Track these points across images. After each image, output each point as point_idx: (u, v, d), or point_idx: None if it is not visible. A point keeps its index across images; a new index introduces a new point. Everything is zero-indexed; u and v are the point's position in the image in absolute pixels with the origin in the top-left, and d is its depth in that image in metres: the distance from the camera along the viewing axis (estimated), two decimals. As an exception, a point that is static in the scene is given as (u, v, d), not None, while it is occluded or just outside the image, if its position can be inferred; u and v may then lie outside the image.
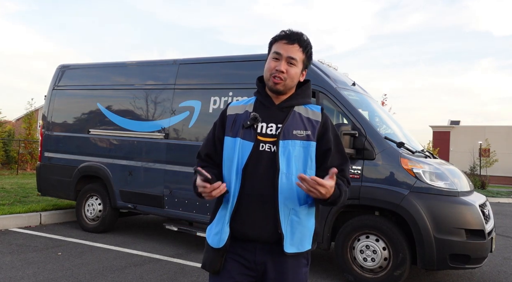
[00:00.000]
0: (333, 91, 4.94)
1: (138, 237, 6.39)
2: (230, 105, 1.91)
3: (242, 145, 1.76)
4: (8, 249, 5.31)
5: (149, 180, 6.04)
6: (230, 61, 5.88)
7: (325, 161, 1.79)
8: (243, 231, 1.73)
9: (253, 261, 1.75)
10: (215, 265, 1.76)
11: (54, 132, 7.11)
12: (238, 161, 1.75)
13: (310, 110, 1.85)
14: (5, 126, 18.32)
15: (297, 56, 1.79)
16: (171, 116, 5.97)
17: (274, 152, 1.74)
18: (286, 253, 1.71)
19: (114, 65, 6.95)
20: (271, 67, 1.79)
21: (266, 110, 1.83)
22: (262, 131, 1.78)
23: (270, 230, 1.71)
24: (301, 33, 1.82)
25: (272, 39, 1.85)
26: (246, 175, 1.74)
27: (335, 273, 4.92)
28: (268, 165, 1.73)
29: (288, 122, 1.78)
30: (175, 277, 4.54)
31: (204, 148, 1.91)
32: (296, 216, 1.73)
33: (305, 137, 1.76)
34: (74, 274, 4.47)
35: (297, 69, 1.81)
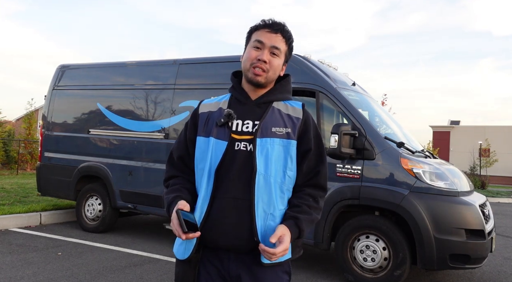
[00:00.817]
0: (333, 91, 4.94)
1: (138, 237, 6.39)
2: (203, 103, 1.76)
3: (216, 144, 1.60)
4: (8, 249, 5.31)
5: (149, 180, 6.04)
6: (230, 61, 5.88)
7: (303, 162, 1.63)
8: (214, 239, 1.55)
9: (227, 272, 1.57)
10: (188, 277, 1.59)
11: (54, 132, 7.11)
12: (211, 162, 1.59)
13: (290, 107, 1.68)
14: (5, 126, 18.32)
15: (281, 46, 1.64)
16: (171, 116, 5.97)
17: (251, 151, 1.57)
18: (264, 264, 1.53)
19: (114, 65, 6.95)
20: (252, 56, 1.62)
21: (242, 106, 1.66)
22: (237, 129, 1.61)
23: (245, 237, 1.53)
24: (284, 23, 1.67)
25: (252, 27, 1.68)
26: (219, 177, 1.57)
27: (335, 273, 4.92)
28: (244, 165, 1.57)
29: (266, 119, 1.61)
30: (175, 277, 4.53)
31: (176, 150, 1.74)
32: (274, 221, 1.56)
33: (285, 135, 1.60)
34: (74, 274, 4.47)
35: (280, 61, 1.66)
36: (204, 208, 1.57)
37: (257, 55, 1.62)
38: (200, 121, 1.69)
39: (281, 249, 1.46)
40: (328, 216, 4.69)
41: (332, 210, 4.67)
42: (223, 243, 1.55)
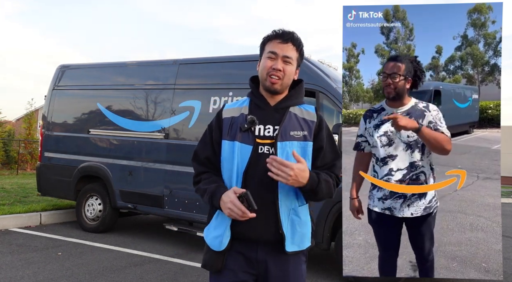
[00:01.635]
0: (333, 91, 4.93)
1: (138, 237, 6.39)
2: (225, 108, 1.90)
3: (241, 148, 1.76)
4: (8, 249, 5.31)
5: (149, 180, 6.04)
6: (230, 61, 5.88)
7: (317, 158, 1.82)
8: (245, 233, 1.75)
9: (254, 260, 1.77)
10: (217, 265, 1.79)
11: (54, 132, 7.11)
12: (238, 165, 1.76)
13: (304, 111, 1.87)
14: (5, 126, 18.32)
15: (292, 54, 1.82)
16: (171, 116, 5.97)
17: (273, 154, 1.74)
18: (288, 252, 1.74)
19: (114, 65, 6.95)
20: (268, 66, 1.79)
21: (261, 112, 1.82)
22: (260, 133, 1.78)
23: (271, 230, 1.73)
24: (293, 32, 1.84)
25: (265, 38, 1.86)
26: (247, 178, 1.74)
27: (335, 273, 4.91)
28: (267, 166, 1.71)
29: (285, 124, 1.78)
30: (175, 277, 4.53)
31: (203, 150, 1.89)
32: (296, 215, 1.77)
33: (302, 138, 1.79)
34: (74, 274, 4.47)
35: (293, 68, 1.84)
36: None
37: (272, 64, 1.79)
38: (224, 125, 1.84)
39: (296, 166, 1.63)
40: (328, 216, 4.68)
41: (332, 210, 4.66)
42: (253, 236, 1.75)
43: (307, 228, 1.81)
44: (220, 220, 1.79)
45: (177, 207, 5.75)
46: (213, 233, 1.81)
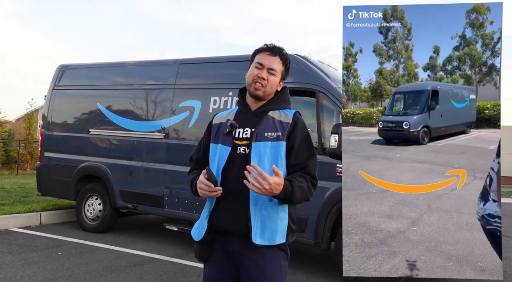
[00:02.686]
0: (333, 91, 4.94)
1: (138, 237, 6.40)
2: (216, 116, 2.14)
3: (222, 149, 1.97)
4: (8, 249, 5.32)
5: (149, 180, 6.04)
6: (230, 61, 5.88)
7: (290, 157, 1.94)
8: (220, 224, 1.94)
9: (231, 251, 1.94)
10: (202, 254, 1.99)
11: (54, 132, 7.12)
12: (218, 164, 1.96)
13: (283, 114, 2.01)
14: (5, 126, 18.31)
15: (277, 67, 2.00)
16: (171, 116, 5.98)
17: (248, 153, 1.92)
18: (256, 245, 1.86)
19: (114, 65, 6.96)
20: (254, 74, 1.98)
21: (243, 116, 2.03)
22: (238, 136, 1.97)
23: (241, 223, 1.89)
24: (282, 48, 2.04)
25: (256, 50, 2.05)
26: (225, 175, 1.93)
27: (335, 273, 4.92)
28: (242, 165, 1.87)
29: (261, 126, 1.95)
30: (175, 277, 4.54)
31: (196, 153, 2.16)
32: (266, 211, 1.89)
33: (275, 138, 1.93)
34: (74, 274, 4.48)
35: (277, 79, 2.01)
36: (213, 200, 1.95)
37: (257, 73, 1.98)
38: (212, 131, 2.07)
39: (273, 180, 1.75)
40: (328, 216, 4.69)
41: (332, 210, 4.67)
42: (228, 228, 1.92)
43: (279, 224, 1.91)
44: (203, 213, 2.01)
45: (177, 207, 5.76)
46: (196, 224, 2.06)
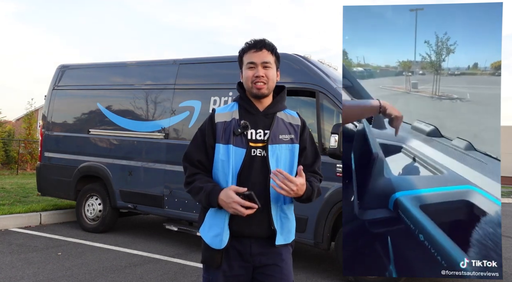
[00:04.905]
0: (333, 91, 4.93)
1: (138, 237, 6.40)
2: (217, 113, 2.00)
3: (235, 151, 1.90)
4: (8, 249, 5.32)
5: (149, 180, 6.04)
6: (230, 61, 5.87)
7: (300, 158, 1.99)
8: (241, 230, 1.90)
9: (248, 254, 1.92)
10: (217, 260, 1.92)
11: (54, 132, 7.11)
12: (233, 167, 1.89)
13: (289, 116, 2.04)
14: (5, 126, 18.31)
15: (269, 59, 1.95)
16: (171, 116, 5.97)
17: (265, 156, 1.90)
18: (277, 245, 1.93)
19: (114, 65, 6.95)
20: (250, 75, 1.93)
21: (252, 117, 1.96)
22: (252, 137, 1.93)
23: (264, 227, 1.91)
24: (264, 39, 1.98)
25: (240, 52, 2.00)
26: (241, 179, 1.88)
27: (335, 273, 4.92)
28: (260, 168, 1.89)
29: (274, 128, 1.95)
30: (175, 277, 4.54)
31: (196, 153, 2.01)
32: (283, 212, 1.95)
33: (289, 141, 1.96)
34: (74, 274, 4.47)
35: (273, 71, 1.97)
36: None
37: (253, 73, 1.93)
38: (218, 130, 1.95)
39: (300, 181, 1.82)
40: (328, 216, 4.69)
41: (332, 210, 4.67)
42: (248, 233, 1.91)
43: (292, 224, 2.01)
44: (218, 219, 1.91)
45: (177, 207, 5.76)
46: (211, 232, 1.94)
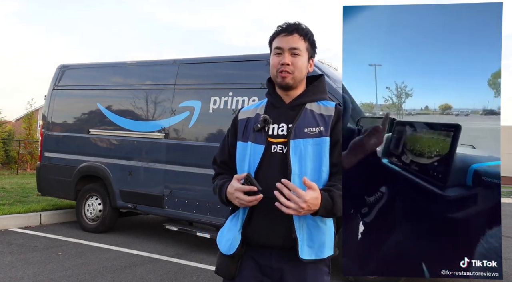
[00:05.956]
0: (333, 91, 4.94)
1: (138, 237, 6.40)
2: (242, 110, 1.85)
3: (253, 148, 1.69)
4: (8, 249, 5.32)
5: (149, 180, 6.04)
6: (230, 61, 5.88)
7: (333, 154, 1.66)
8: (256, 237, 1.65)
9: (269, 267, 1.65)
10: (229, 271, 1.69)
11: (54, 132, 7.12)
12: (250, 165, 1.68)
13: (323, 106, 1.74)
14: (5, 126, 18.31)
15: (299, 45, 1.70)
16: (171, 116, 5.97)
17: (286, 153, 1.65)
18: (303, 260, 1.59)
19: (114, 65, 6.96)
20: (275, 63, 1.71)
21: (276, 110, 1.75)
22: (273, 133, 1.69)
23: (284, 235, 1.61)
24: (299, 22, 1.73)
25: (271, 37, 1.77)
26: (259, 178, 1.63)
27: (335, 273, 4.91)
28: (280, 166, 1.64)
29: (299, 121, 1.68)
30: (175, 277, 4.54)
31: (219, 154, 1.88)
32: (312, 219, 1.62)
33: (317, 134, 1.65)
34: (74, 274, 4.47)
35: (303, 59, 1.72)
36: (246, 209, 1.66)
37: (279, 60, 1.70)
38: (239, 127, 1.78)
39: (310, 196, 1.50)
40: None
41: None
42: (265, 242, 1.64)
43: (326, 234, 1.66)
44: (232, 223, 1.73)
45: (177, 207, 5.76)
46: (225, 236, 1.74)
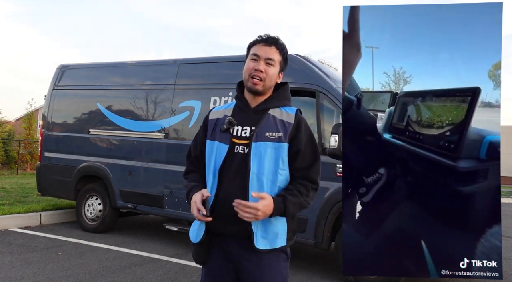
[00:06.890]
0: (333, 91, 4.94)
1: (138, 237, 6.40)
2: (213, 110, 2.02)
3: (219, 147, 1.87)
4: (8, 249, 5.32)
5: (149, 180, 6.04)
6: (230, 61, 5.89)
7: (295, 161, 1.87)
8: (218, 227, 1.84)
9: (231, 253, 1.87)
10: (200, 257, 1.93)
11: (54, 132, 7.11)
12: (215, 163, 1.87)
13: (285, 113, 1.91)
14: (5, 126, 18.30)
15: (275, 57, 1.89)
16: (171, 116, 5.98)
17: (247, 154, 1.83)
18: (258, 249, 1.81)
19: (114, 65, 6.96)
20: (250, 67, 1.88)
21: (242, 113, 1.92)
22: (237, 134, 1.87)
23: (241, 226, 1.79)
24: (278, 37, 1.93)
25: (250, 43, 1.95)
26: (222, 175, 1.84)
27: (335, 273, 4.92)
28: (241, 166, 1.83)
29: (262, 125, 1.86)
30: (175, 277, 4.54)
31: (193, 150, 2.07)
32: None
33: (276, 139, 1.84)
34: (74, 274, 4.47)
35: (275, 70, 1.90)
36: (210, 201, 1.84)
37: (254, 66, 1.88)
38: (209, 126, 1.96)
39: (260, 205, 1.71)
40: (328, 216, 4.69)
41: (332, 210, 4.67)
42: (226, 230, 1.85)
43: (280, 227, 1.86)
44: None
45: (177, 207, 5.76)
46: (193, 226, 1.96)
